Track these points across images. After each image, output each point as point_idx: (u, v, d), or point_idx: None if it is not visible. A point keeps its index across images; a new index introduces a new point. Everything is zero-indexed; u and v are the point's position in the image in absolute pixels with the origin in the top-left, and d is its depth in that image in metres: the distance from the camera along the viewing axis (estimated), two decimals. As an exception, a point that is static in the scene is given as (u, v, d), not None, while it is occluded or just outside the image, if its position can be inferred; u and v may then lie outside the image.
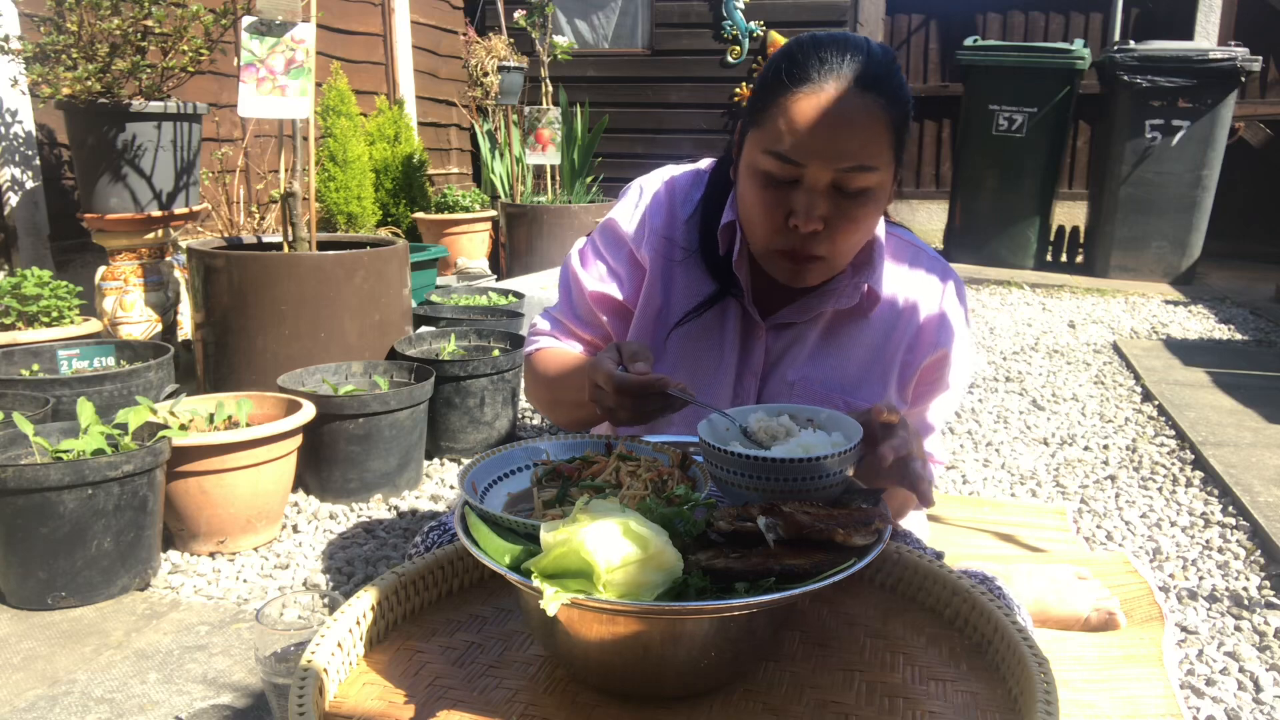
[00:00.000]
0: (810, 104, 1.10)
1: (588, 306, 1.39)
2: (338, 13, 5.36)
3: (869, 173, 1.11)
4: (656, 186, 1.37)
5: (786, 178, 1.13)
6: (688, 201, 1.34)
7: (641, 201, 1.36)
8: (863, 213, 1.14)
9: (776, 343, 1.31)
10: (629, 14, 7.31)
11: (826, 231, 1.14)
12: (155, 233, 3.22)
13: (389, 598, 0.94)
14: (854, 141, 1.09)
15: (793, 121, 1.10)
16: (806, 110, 1.10)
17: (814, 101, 1.09)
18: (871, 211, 1.15)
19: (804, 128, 1.10)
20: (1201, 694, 1.71)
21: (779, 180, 1.13)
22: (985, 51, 6.31)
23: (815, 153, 1.10)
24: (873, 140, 1.10)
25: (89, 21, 2.93)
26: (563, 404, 1.32)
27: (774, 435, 0.99)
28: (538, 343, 1.42)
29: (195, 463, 2.17)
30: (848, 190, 1.12)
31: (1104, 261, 6.25)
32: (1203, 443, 2.98)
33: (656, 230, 1.33)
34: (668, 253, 1.33)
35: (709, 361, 1.32)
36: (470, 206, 5.78)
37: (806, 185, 1.12)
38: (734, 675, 0.85)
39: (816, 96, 1.09)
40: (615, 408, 1.06)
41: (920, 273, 1.32)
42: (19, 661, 1.79)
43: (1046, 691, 0.77)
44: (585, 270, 1.38)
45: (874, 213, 1.16)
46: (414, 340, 3.05)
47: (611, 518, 0.77)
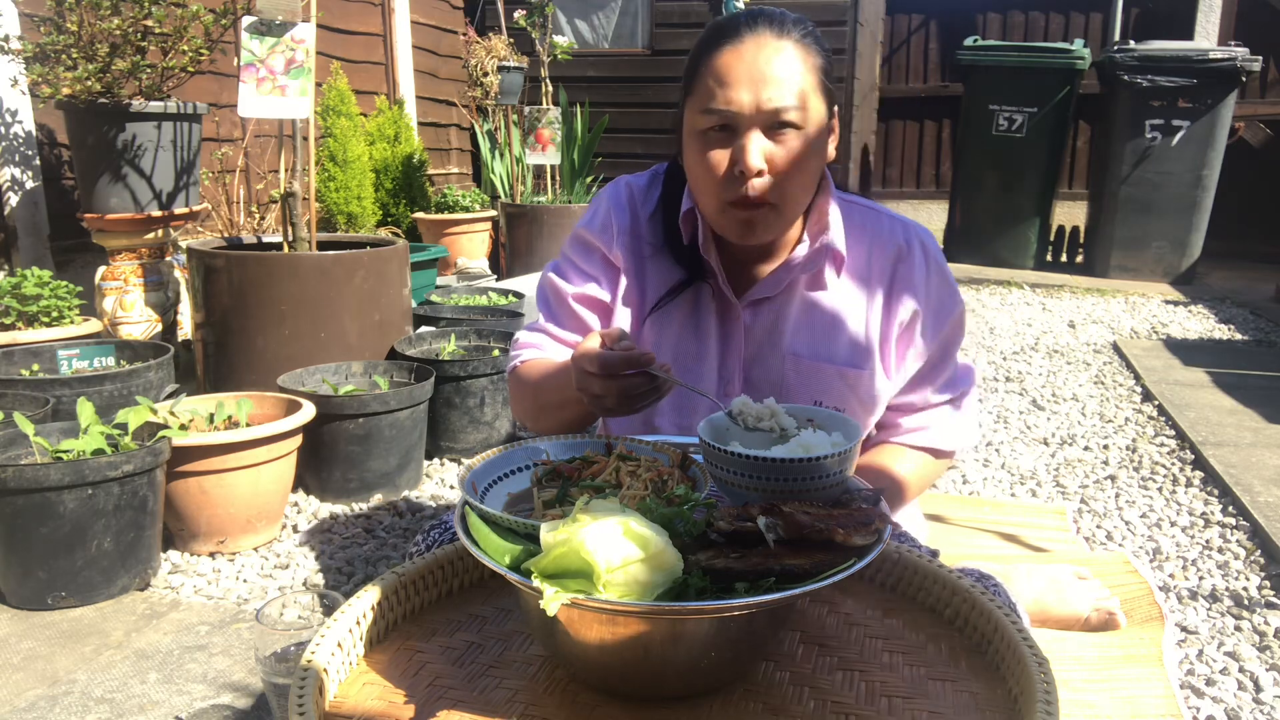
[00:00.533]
0: (731, 56, 1.20)
1: (570, 311, 1.42)
2: (338, 13, 5.36)
3: (799, 110, 1.19)
4: (616, 193, 1.43)
5: (722, 127, 1.20)
6: (648, 201, 1.41)
7: (604, 208, 1.42)
8: (800, 150, 1.20)
9: (756, 321, 1.35)
10: (629, 14, 7.31)
11: (771, 175, 1.20)
12: (155, 233, 3.22)
13: (389, 598, 0.94)
14: (775, 79, 1.18)
15: (718, 74, 1.20)
16: (729, 62, 1.20)
17: (735, 53, 1.20)
18: (809, 151, 1.21)
19: (728, 77, 1.19)
20: (1201, 694, 1.71)
21: (717, 135, 1.21)
22: (985, 51, 6.31)
23: (742, 97, 1.18)
24: (793, 77, 1.19)
25: (89, 21, 2.93)
26: (548, 407, 1.32)
27: (759, 418, 0.99)
28: (521, 355, 1.43)
29: (195, 463, 2.17)
30: (780, 126, 1.19)
31: (1104, 261, 6.24)
32: (1203, 443, 2.98)
33: (624, 230, 1.39)
34: (637, 249, 1.39)
35: (690, 349, 1.37)
36: (470, 206, 5.78)
37: (742, 130, 1.19)
38: (734, 675, 0.85)
39: (736, 49, 1.20)
40: (602, 393, 1.05)
41: (882, 233, 1.37)
42: (19, 661, 1.79)
43: (1046, 691, 0.77)
44: (564, 279, 1.42)
45: (812, 153, 1.22)
46: (414, 340, 3.05)
47: (611, 518, 0.77)
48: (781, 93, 1.18)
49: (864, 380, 1.35)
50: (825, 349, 1.34)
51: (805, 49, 1.21)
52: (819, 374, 1.34)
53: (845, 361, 1.34)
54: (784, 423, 1.00)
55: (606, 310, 1.41)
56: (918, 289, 1.35)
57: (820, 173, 1.28)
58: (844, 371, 1.33)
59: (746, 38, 1.20)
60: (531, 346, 1.43)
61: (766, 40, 1.19)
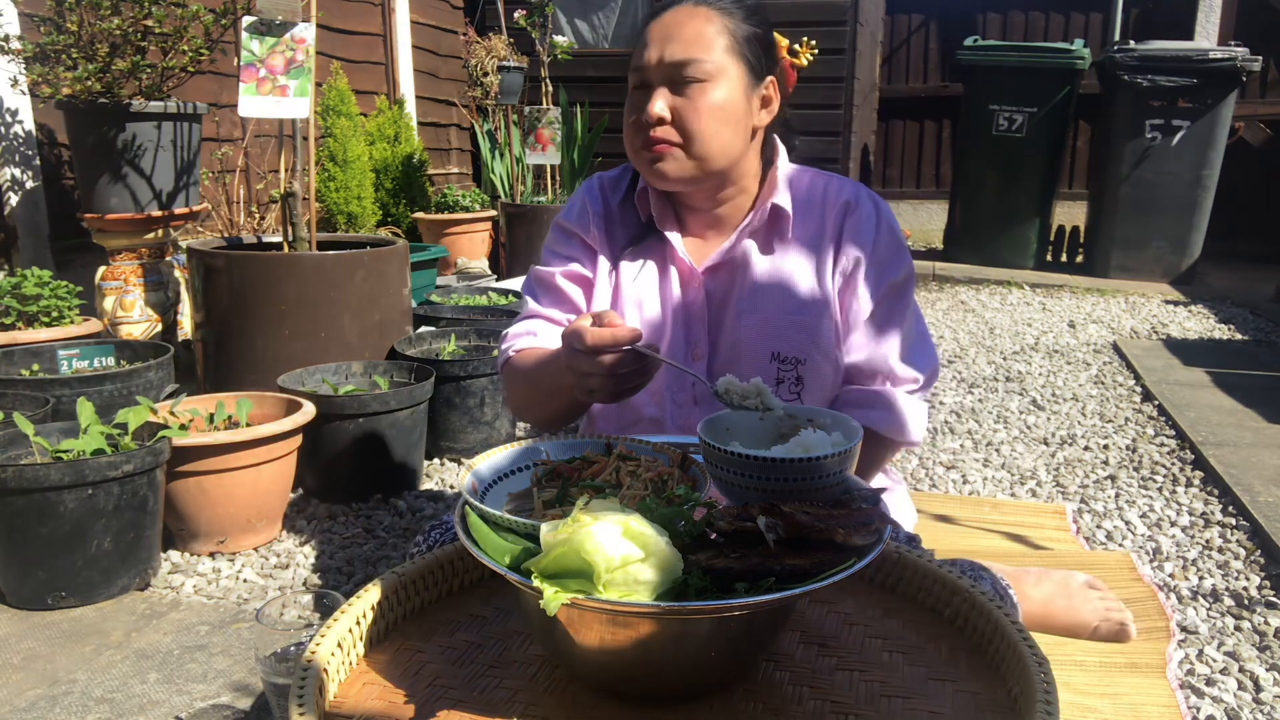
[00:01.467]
0: (654, 24, 1.37)
1: (558, 291, 1.50)
2: (338, 13, 5.36)
3: (698, 63, 1.31)
4: (590, 186, 1.56)
5: (641, 85, 1.36)
6: (617, 189, 1.54)
7: (579, 198, 1.54)
8: (704, 101, 1.32)
9: (715, 285, 1.45)
10: (629, 14, 7.31)
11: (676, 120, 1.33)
12: (155, 233, 3.22)
13: (389, 598, 0.94)
14: (682, 38, 1.32)
15: (642, 40, 1.36)
16: (651, 28, 1.36)
17: (656, 21, 1.37)
18: (715, 101, 1.33)
19: (646, 39, 1.36)
20: (1201, 694, 1.70)
21: (637, 92, 1.36)
22: (985, 51, 6.30)
23: (650, 54, 1.33)
24: (700, 36, 1.32)
25: (89, 21, 2.93)
26: (540, 394, 1.36)
27: (745, 396, 1.00)
28: (514, 345, 1.48)
29: (195, 463, 2.17)
30: (683, 80, 1.32)
31: (1104, 261, 6.24)
32: (1203, 443, 2.98)
33: (598, 214, 1.51)
34: (610, 233, 1.51)
35: (658, 319, 1.46)
36: (470, 206, 5.78)
37: (651, 84, 1.35)
38: (734, 675, 0.85)
39: (659, 18, 1.37)
40: (590, 371, 1.07)
41: (831, 191, 1.46)
42: (19, 661, 1.79)
43: (1046, 691, 0.77)
44: (549, 264, 1.53)
45: (720, 103, 1.33)
46: (414, 340, 3.05)
47: (611, 518, 0.77)
48: (685, 48, 1.31)
49: (823, 329, 1.41)
50: (777, 303, 1.42)
51: (724, 14, 1.35)
52: (774, 326, 1.41)
53: (796, 311, 1.41)
54: (769, 401, 1.00)
55: (590, 285, 1.50)
56: (864, 239, 1.42)
57: (740, 130, 1.37)
58: (797, 320, 1.40)
59: (671, 8, 1.36)
60: (524, 335, 1.47)
61: (685, 9, 1.35)
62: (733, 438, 0.99)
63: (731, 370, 1.41)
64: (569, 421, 1.40)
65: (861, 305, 1.43)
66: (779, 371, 1.40)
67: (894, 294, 1.44)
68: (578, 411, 1.37)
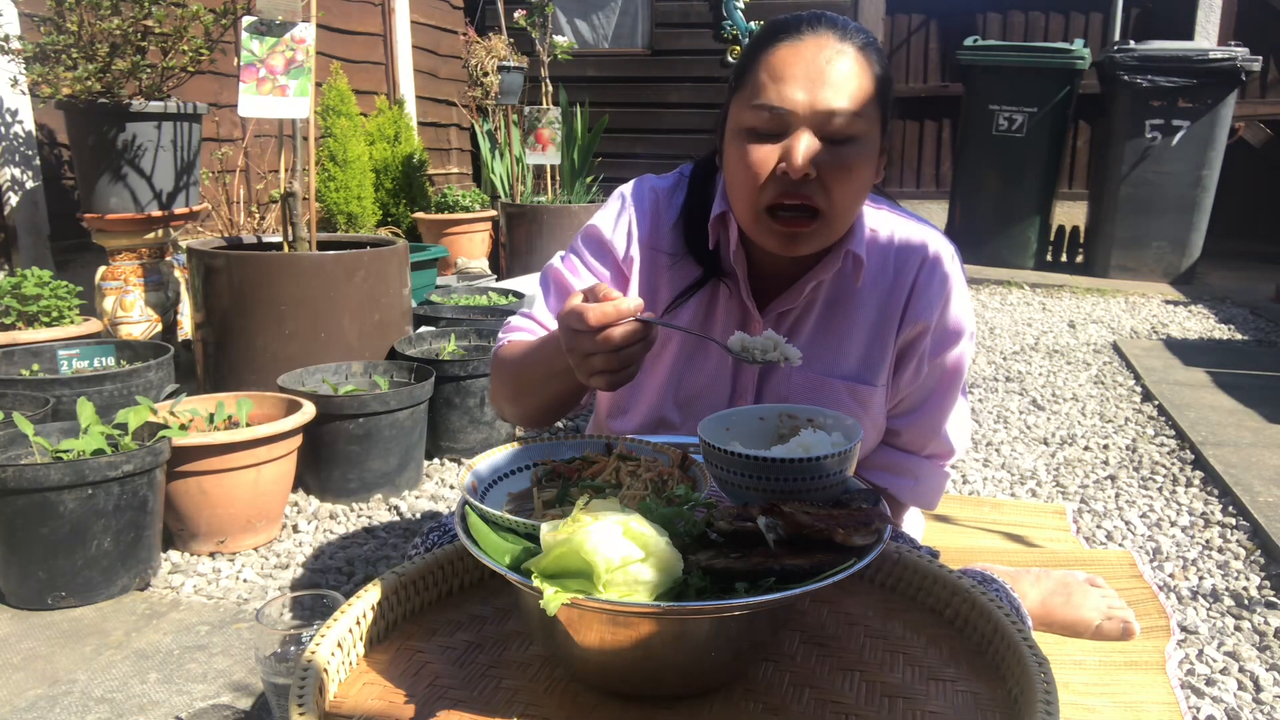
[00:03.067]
0: (791, 52, 1.12)
1: None
2: (338, 13, 5.36)
3: (855, 118, 1.10)
4: (639, 195, 1.35)
5: (773, 129, 1.12)
6: (671, 207, 1.33)
7: (625, 211, 1.34)
8: (855, 161, 1.12)
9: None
10: (629, 14, 7.31)
11: (819, 181, 1.11)
12: (155, 233, 3.22)
13: (389, 598, 0.94)
14: (834, 82, 1.10)
15: (775, 70, 1.11)
16: (788, 58, 1.11)
17: (795, 50, 1.12)
18: (863, 162, 1.14)
19: (785, 72, 1.11)
20: (1201, 694, 1.70)
21: (766, 133, 1.13)
22: (985, 51, 6.30)
23: (797, 94, 1.10)
24: (855, 85, 1.11)
25: (89, 21, 2.93)
26: (531, 384, 1.23)
27: (765, 350, 0.98)
28: (507, 337, 1.36)
29: (195, 463, 2.17)
30: (835, 136, 1.11)
31: (1104, 261, 6.24)
32: (1203, 443, 2.98)
33: (643, 241, 1.32)
34: (653, 260, 1.32)
35: (700, 363, 1.31)
36: (470, 206, 5.78)
37: (792, 129, 1.11)
38: (734, 675, 0.85)
39: (797, 46, 1.12)
40: (593, 350, 0.98)
41: (911, 243, 1.30)
42: (19, 661, 1.79)
43: (1046, 692, 0.77)
44: (572, 273, 1.35)
45: (865, 165, 1.14)
46: (414, 340, 3.05)
47: (611, 518, 0.77)
48: (839, 96, 1.10)
49: (876, 397, 1.30)
50: (835, 363, 1.29)
51: (867, 57, 1.14)
52: (827, 389, 1.29)
53: (854, 376, 1.29)
54: (788, 352, 0.98)
55: None
56: (934, 302, 1.29)
57: (868, 190, 1.21)
58: (854, 388, 1.29)
59: (807, 36, 1.12)
60: (520, 330, 1.35)
61: (829, 41, 1.12)
62: (733, 438, 0.99)
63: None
64: (556, 417, 1.28)
65: (916, 373, 1.32)
66: None
67: (952, 363, 1.34)
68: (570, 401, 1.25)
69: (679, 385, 1.32)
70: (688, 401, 1.32)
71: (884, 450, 1.40)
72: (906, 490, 1.39)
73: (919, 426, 1.37)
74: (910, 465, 1.39)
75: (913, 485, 1.39)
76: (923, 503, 1.42)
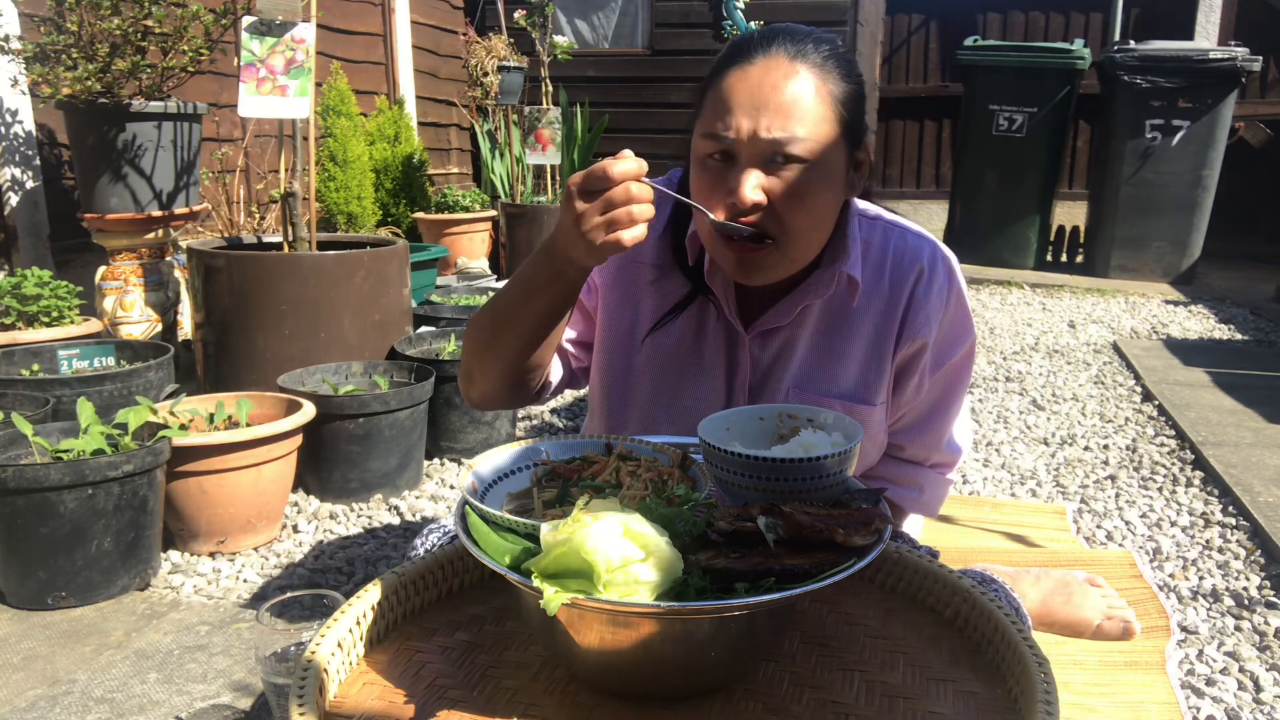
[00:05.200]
0: (738, 79, 1.10)
1: None
2: (338, 13, 5.36)
3: (799, 141, 1.08)
4: None
5: (722, 154, 1.11)
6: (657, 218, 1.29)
7: None
8: (808, 186, 1.10)
9: (764, 352, 1.27)
10: (629, 14, 7.31)
11: (771, 209, 1.10)
12: (155, 233, 3.22)
13: (389, 598, 0.94)
14: (779, 107, 1.08)
15: (722, 98, 1.11)
16: (734, 85, 1.10)
17: (741, 76, 1.10)
18: (819, 186, 1.11)
19: (731, 101, 1.10)
20: (1201, 694, 1.70)
21: (717, 161, 1.12)
22: (985, 51, 6.31)
23: (741, 123, 1.09)
24: (800, 108, 1.09)
25: (89, 21, 2.93)
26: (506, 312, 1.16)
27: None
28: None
29: (195, 463, 2.17)
30: (782, 159, 1.09)
31: (1104, 261, 6.24)
32: (1203, 443, 2.98)
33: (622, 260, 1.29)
34: (634, 275, 1.30)
35: (691, 380, 1.28)
36: (470, 206, 5.78)
37: (741, 158, 1.10)
38: (734, 675, 0.85)
39: (744, 72, 1.10)
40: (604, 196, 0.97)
41: (905, 254, 1.27)
42: (19, 661, 1.79)
43: (1046, 692, 0.77)
44: None
45: (821, 188, 1.11)
46: (414, 340, 3.05)
47: (611, 518, 0.77)
48: (785, 122, 1.08)
49: (875, 416, 1.28)
50: (832, 383, 1.26)
51: (823, 75, 1.10)
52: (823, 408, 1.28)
53: (851, 396, 1.26)
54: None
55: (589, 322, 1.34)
56: (932, 315, 1.26)
57: (835, 209, 1.17)
58: (851, 408, 1.26)
59: (757, 60, 1.10)
60: None
61: (778, 64, 1.09)
62: (733, 438, 0.99)
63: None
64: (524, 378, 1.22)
65: (918, 387, 1.30)
66: None
67: (953, 374, 1.33)
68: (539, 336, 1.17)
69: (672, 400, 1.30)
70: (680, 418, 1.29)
71: (887, 462, 1.38)
72: (911, 500, 1.39)
73: (923, 439, 1.35)
74: (915, 476, 1.38)
75: (917, 496, 1.39)
76: (927, 511, 1.42)
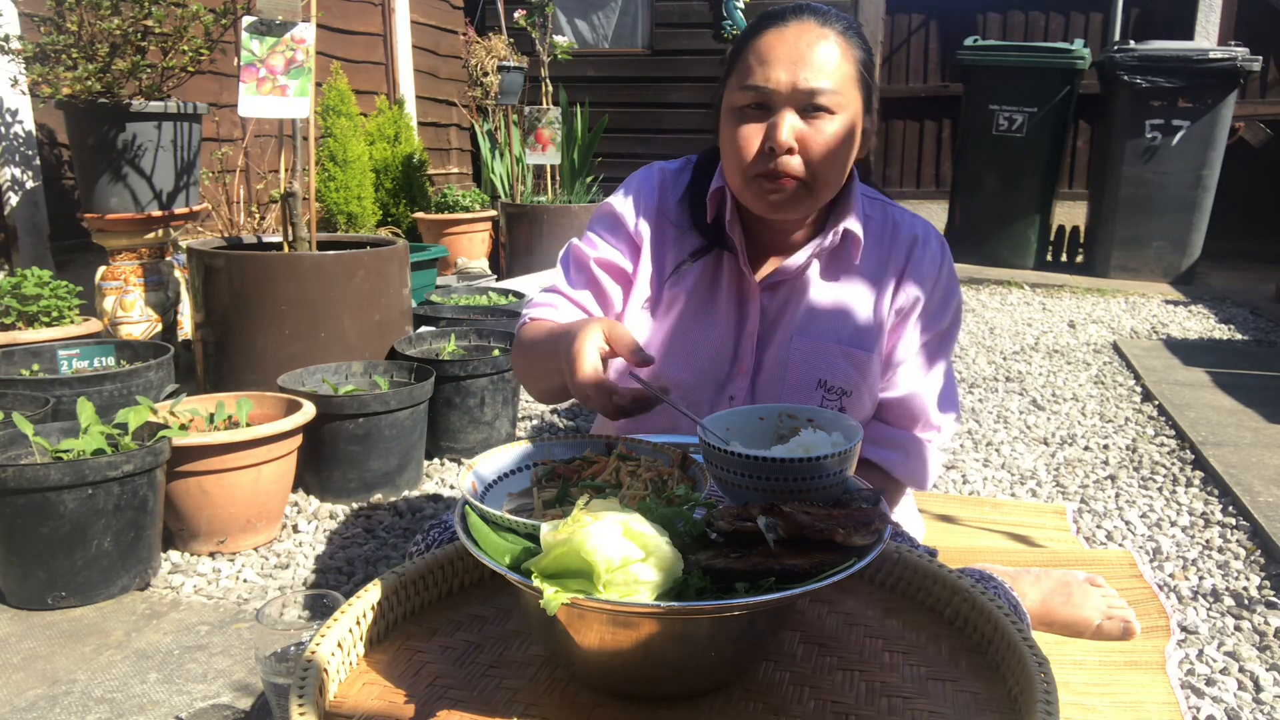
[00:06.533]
0: (774, 37, 1.26)
1: (590, 275, 1.44)
2: (338, 13, 5.36)
3: (834, 95, 1.24)
4: (648, 174, 1.47)
5: (758, 104, 1.25)
6: (678, 185, 1.45)
7: (635, 188, 1.46)
8: (833, 133, 1.25)
9: (771, 302, 1.39)
10: (629, 14, 7.31)
11: (801, 152, 1.24)
12: (155, 232, 3.22)
13: (389, 598, 0.94)
14: (814, 63, 1.23)
15: (760, 54, 1.25)
16: (771, 42, 1.25)
17: (778, 35, 1.26)
18: (842, 135, 1.26)
19: (769, 55, 1.25)
20: (1201, 694, 1.70)
21: (752, 111, 1.26)
22: (985, 51, 6.30)
23: (780, 75, 1.23)
24: (834, 66, 1.24)
25: (89, 21, 2.93)
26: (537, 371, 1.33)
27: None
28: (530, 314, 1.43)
29: (195, 463, 2.17)
30: (814, 109, 1.24)
31: (1104, 261, 6.24)
32: (1203, 443, 2.98)
33: (650, 209, 1.43)
34: (661, 229, 1.43)
35: (704, 323, 1.39)
36: (470, 206, 5.78)
37: (776, 108, 1.24)
38: (734, 675, 0.85)
39: (780, 31, 1.26)
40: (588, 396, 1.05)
41: (902, 224, 1.42)
42: (19, 661, 1.79)
43: (1046, 691, 0.77)
44: (589, 246, 1.45)
45: (844, 137, 1.26)
46: (414, 340, 3.05)
47: (611, 518, 0.77)
48: (819, 75, 1.23)
49: (872, 363, 1.38)
50: (832, 330, 1.37)
51: (847, 41, 1.26)
52: (824, 354, 1.36)
53: (851, 342, 1.37)
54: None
55: (627, 280, 1.44)
56: (925, 278, 1.39)
57: (850, 161, 1.31)
58: (850, 352, 1.36)
59: (791, 23, 1.25)
60: (545, 306, 1.43)
61: (810, 27, 1.25)
62: (733, 438, 0.99)
63: (775, 392, 1.37)
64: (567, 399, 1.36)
65: (908, 344, 1.41)
66: (823, 399, 1.36)
67: (940, 338, 1.43)
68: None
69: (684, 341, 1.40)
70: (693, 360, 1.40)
71: (872, 424, 1.45)
72: (897, 464, 1.42)
73: (906, 403, 1.42)
74: (898, 439, 1.43)
75: (902, 459, 1.43)
76: (913, 480, 1.44)
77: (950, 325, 1.43)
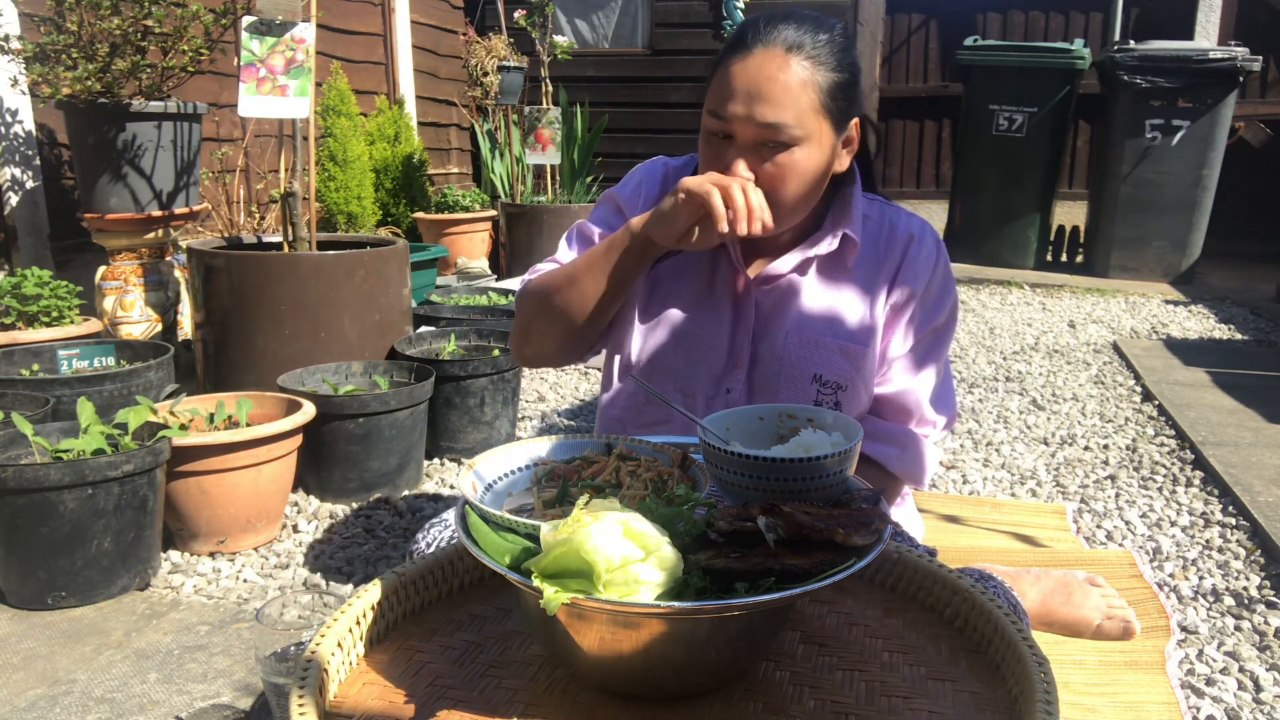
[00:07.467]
0: (738, 67, 1.24)
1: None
2: (338, 13, 5.36)
3: (786, 128, 1.22)
4: (652, 167, 1.51)
5: (722, 133, 1.26)
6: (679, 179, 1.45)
7: (638, 179, 1.49)
8: (790, 169, 1.25)
9: (767, 298, 1.40)
10: (629, 14, 7.31)
11: (760, 183, 1.24)
12: (155, 232, 3.22)
13: (389, 598, 0.94)
14: (770, 98, 1.22)
15: (724, 83, 1.25)
16: (735, 73, 1.24)
17: (741, 65, 1.24)
18: (802, 166, 1.25)
19: (730, 88, 1.24)
20: (1201, 694, 1.70)
21: (718, 136, 1.27)
22: (985, 51, 6.30)
23: (737, 111, 1.23)
24: (789, 95, 1.22)
25: (89, 21, 2.93)
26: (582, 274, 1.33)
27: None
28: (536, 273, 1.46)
29: (195, 462, 2.17)
30: (771, 144, 1.24)
31: (1104, 261, 6.24)
32: (1203, 442, 2.98)
33: (651, 200, 1.44)
34: None
35: (702, 319, 1.41)
36: (470, 206, 5.78)
37: (736, 141, 1.25)
38: (734, 675, 0.85)
39: (744, 61, 1.24)
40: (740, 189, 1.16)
41: (898, 224, 1.43)
42: (19, 661, 1.79)
43: (1046, 691, 0.77)
44: (592, 228, 1.48)
45: (805, 167, 1.26)
46: (414, 340, 3.05)
47: (611, 518, 0.77)
48: (776, 110, 1.22)
49: (868, 358, 1.38)
50: (827, 328, 1.38)
51: (814, 67, 1.24)
52: (821, 349, 1.37)
53: (846, 337, 1.38)
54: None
55: None
56: (920, 276, 1.40)
57: (821, 181, 1.31)
58: (846, 347, 1.37)
59: (755, 51, 1.24)
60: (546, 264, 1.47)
61: (774, 55, 1.23)
62: (733, 438, 0.99)
63: (770, 386, 1.38)
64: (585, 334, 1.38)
65: (903, 340, 1.41)
66: (818, 394, 1.37)
67: (935, 335, 1.43)
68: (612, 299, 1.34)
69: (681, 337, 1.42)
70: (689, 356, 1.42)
71: (868, 420, 1.45)
72: (893, 459, 1.42)
73: (899, 399, 1.43)
74: (894, 434, 1.43)
75: (898, 454, 1.42)
76: (910, 475, 1.44)
77: (945, 323, 1.44)
